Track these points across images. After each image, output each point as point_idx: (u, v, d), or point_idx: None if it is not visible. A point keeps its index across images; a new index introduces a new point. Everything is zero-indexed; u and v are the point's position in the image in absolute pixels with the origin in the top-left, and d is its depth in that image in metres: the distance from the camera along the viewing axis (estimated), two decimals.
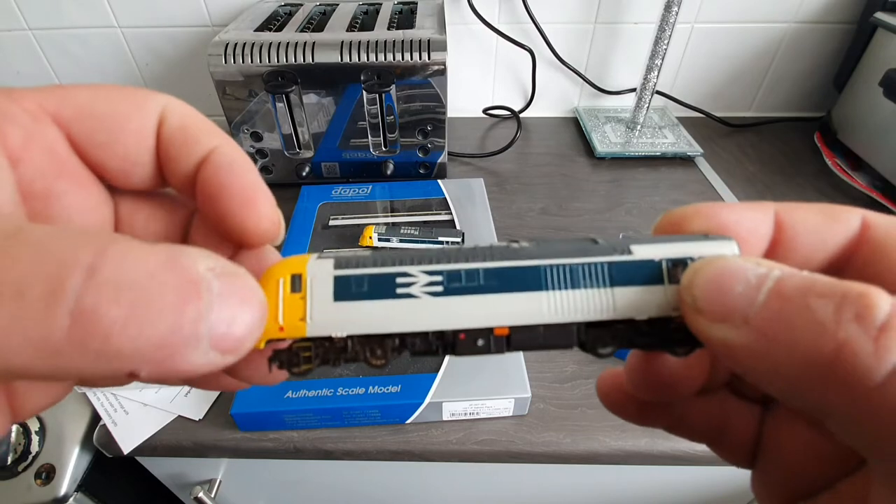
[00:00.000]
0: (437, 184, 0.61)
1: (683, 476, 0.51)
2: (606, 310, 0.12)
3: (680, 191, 0.66)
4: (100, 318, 0.08)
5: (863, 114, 0.66)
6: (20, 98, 0.12)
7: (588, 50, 0.76)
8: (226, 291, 0.10)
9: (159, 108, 0.13)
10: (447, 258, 0.12)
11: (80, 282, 0.08)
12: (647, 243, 0.12)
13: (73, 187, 0.13)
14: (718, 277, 0.11)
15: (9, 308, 0.08)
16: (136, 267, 0.09)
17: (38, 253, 0.08)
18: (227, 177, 0.13)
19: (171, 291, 0.09)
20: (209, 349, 0.09)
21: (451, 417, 0.41)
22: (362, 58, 0.54)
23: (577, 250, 0.12)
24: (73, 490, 0.41)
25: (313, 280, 0.12)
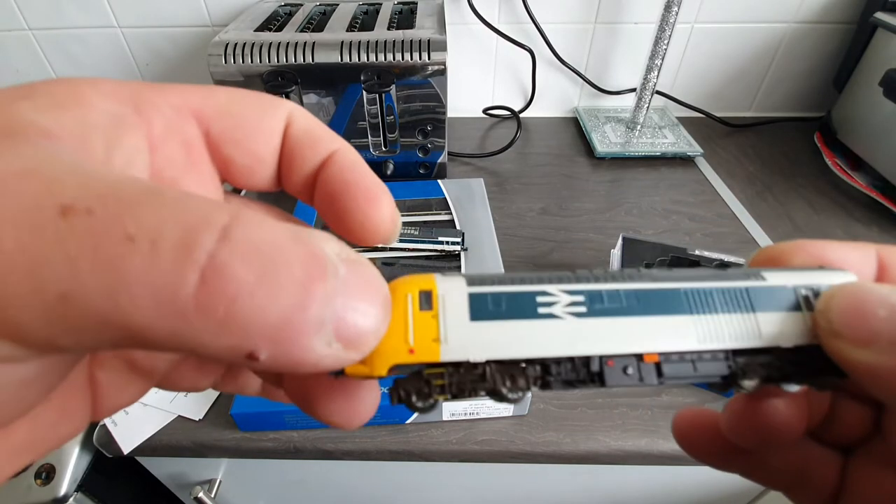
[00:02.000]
0: (437, 184, 0.61)
1: (683, 476, 0.51)
2: (752, 336, 0.11)
3: (680, 191, 0.66)
4: (229, 279, 0.08)
5: (863, 114, 0.66)
6: (168, 93, 0.12)
7: (588, 50, 0.76)
8: (352, 278, 0.09)
9: (286, 113, 0.14)
10: (582, 279, 0.11)
11: (214, 240, 0.08)
12: (775, 272, 0.12)
13: (198, 182, 0.13)
14: (857, 301, 0.11)
15: (140, 258, 0.08)
16: (267, 235, 0.08)
17: (176, 209, 0.08)
18: (352, 175, 0.13)
19: (299, 265, 0.09)
20: (332, 339, 0.09)
21: (451, 417, 0.41)
22: (362, 58, 0.54)
23: (711, 275, 0.12)
24: (73, 490, 0.41)
25: (446, 296, 0.11)
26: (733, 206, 0.63)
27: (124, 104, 0.11)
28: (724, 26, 0.74)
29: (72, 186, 0.08)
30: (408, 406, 0.11)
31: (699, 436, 0.16)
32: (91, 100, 0.11)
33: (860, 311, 0.11)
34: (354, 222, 0.13)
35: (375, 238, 0.13)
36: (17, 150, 0.08)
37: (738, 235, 0.59)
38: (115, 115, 0.11)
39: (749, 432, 0.14)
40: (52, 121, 0.10)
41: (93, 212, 0.08)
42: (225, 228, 0.08)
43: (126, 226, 0.08)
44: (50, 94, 0.10)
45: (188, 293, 0.08)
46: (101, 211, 0.08)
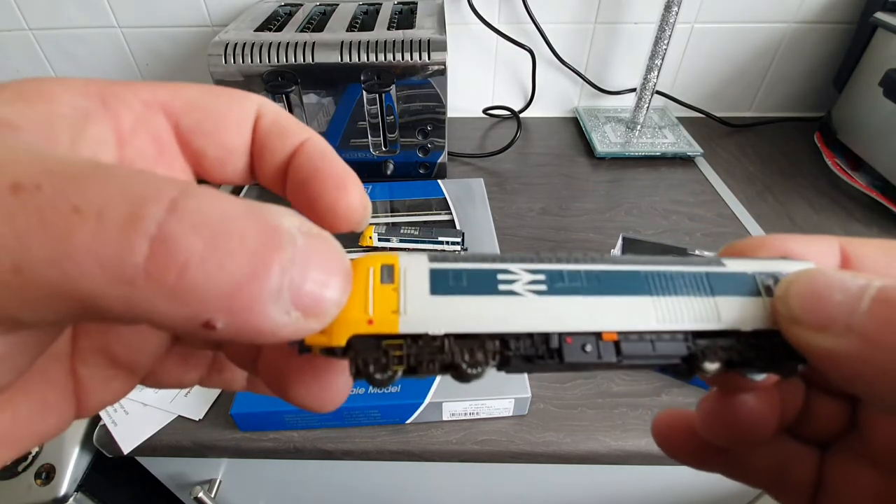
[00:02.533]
0: (437, 184, 0.61)
1: (683, 476, 0.51)
2: (712, 318, 0.12)
3: (680, 191, 0.66)
4: (178, 247, 0.08)
5: (863, 114, 0.66)
6: (136, 88, 0.13)
7: (588, 50, 0.76)
8: (311, 249, 0.09)
9: (256, 105, 0.14)
10: (545, 260, 0.12)
11: (162, 211, 0.08)
12: (735, 260, 0.13)
13: (168, 174, 0.13)
14: (815, 287, 0.11)
15: (87, 228, 0.08)
16: (219, 208, 0.09)
17: (124, 182, 0.08)
18: (321, 162, 0.14)
19: (253, 235, 0.09)
20: (290, 307, 0.09)
21: (451, 417, 0.41)
22: (362, 58, 0.54)
23: (673, 260, 0.12)
24: (73, 490, 0.41)
25: (407, 271, 0.11)
26: (733, 206, 0.63)
27: (91, 99, 0.12)
28: (724, 26, 0.74)
29: (23, 165, 0.08)
30: (367, 379, 0.11)
31: (677, 436, 0.16)
32: (58, 95, 0.11)
33: (817, 295, 0.11)
34: (324, 208, 0.13)
35: (346, 223, 0.14)
36: None
37: (738, 235, 0.59)
38: (81, 108, 0.11)
39: (722, 429, 0.15)
40: (16, 113, 0.10)
41: (41, 187, 0.08)
42: (174, 200, 0.08)
43: (72, 199, 0.08)
44: (17, 90, 0.10)
45: (137, 262, 0.08)
46: (49, 186, 0.08)
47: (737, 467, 0.16)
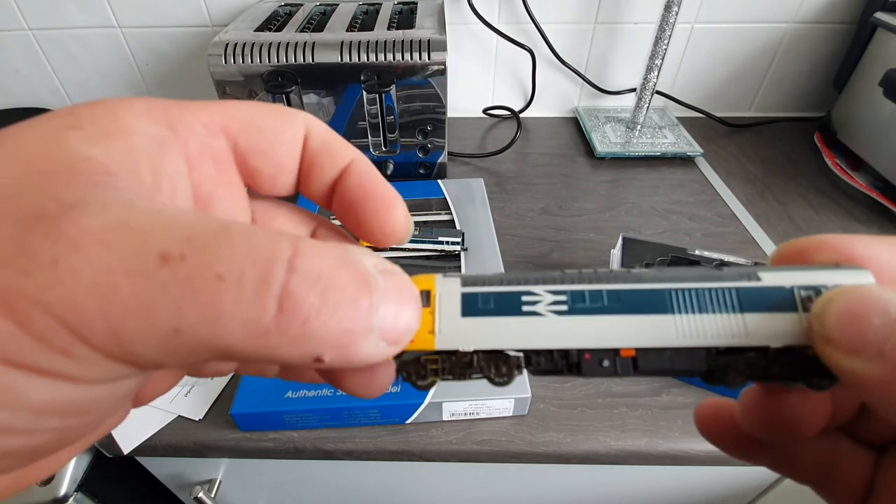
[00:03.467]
0: (437, 184, 0.61)
1: (683, 476, 0.51)
2: (738, 335, 0.11)
3: (680, 191, 0.66)
4: (300, 304, 0.10)
5: (863, 114, 0.66)
6: (197, 111, 0.13)
7: (588, 50, 0.76)
8: (389, 287, 0.11)
9: (305, 124, 0.15)
10: (569, 280, 0.12)
11: (283, 273, 0.10)
12: (775, 271, 0.12)
13: (229, 194, 0.14)
14: (853, 307, 0.10)
15: (230, 294, 0.09)
16: (323, 262, 0.10)
17: (250, 246, 0.10)
18: (370, 184, 0.15)
19: (350, 285, 0.10)
20: (379, 339, 0.11)
21: (451, 417, 0.41)
22: (362, 58, 0.54)
23: (702, 276, 0.12)
24: (73, 490, 0.41)
25: (442, 295, 0.12)
26: (733, 206, 0.63)
27: (160, 124, 0.12)
28: (724, 26, 0.74)
29: (160, 235, 0.09)
30: (411, 383, 0.13)
31: (721, 427, 0.16)
32: (131, 124, 0.12)
33: (855, 317, 0.10)
34: (374, 227, 0.15)
35: (392, 240, 0.15)
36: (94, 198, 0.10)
37: (738, 235, 0.59)
38: (154, 139, 0.12)
39: (763, 425, 0.14)
40: (104, 154, 0.11)
41: (185, 257, 0.09)
42: (290, 261, 0.10)
43: (215, 267, 0.09)
44: (94, 122, 0.11)
45: (269, 319, 0.09)
46: (192, 256, 0.09)
47: (782, 461, 0.15)
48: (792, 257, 0.13)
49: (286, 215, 0.17)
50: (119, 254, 0.09)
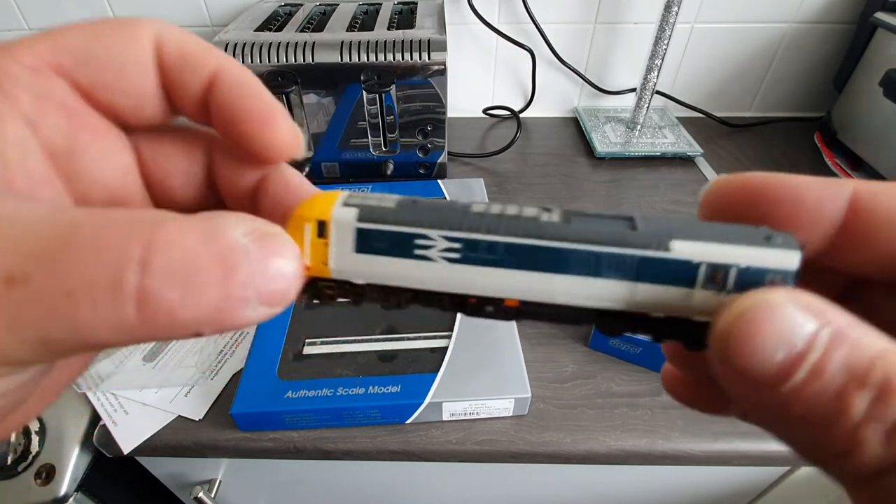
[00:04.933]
0: (437, 184, 0.61)
1: (683, 476, 0.51)
2: (623, 301, 0.12)
3: (680, 191, 0.66)
4: (160, 301, 0.09)
5: (863, 114, 0.66)
6: (19, 55, 0.12)
7: (588, 50, 0.76)
8: (263, 253, 0.11)
9: (153, 36, 0.13)
10: (469, 225, 0.12)
11: (136, 275, 0.09)
12: (691, 239, 0.11)
13: (93, 138, 0.13)
14: (759, 338, 0.10)
15: (84, 306, 0.09)
16: (181, 250, 0.10)
17: (97, 251, 0.09)
18: (239, 100, 0.13)
19: (216, 265, 0.10)
20: (258, 305, 0.10)
21: (451, 417, 0.41)
22: (362, 58, 0.54)
23: (610, 237, 0.11)
24: (73, 490, 0.41)
25: (336, 229, 0.12)
26: None
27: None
28: (724, 26, 0.74)
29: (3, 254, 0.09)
30: (314, 300, 0.13)
31: (681, 386, 0.15)
32: None
33: (757, 350, 0.10)
34: (255, 145, 0.13)
35: (280, 156, 0.14)
36: None
37: None
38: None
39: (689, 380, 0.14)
40: None
41: (31, 277, 0.09)
42: (143, 260, 0.09)
43: (64, 284, 0.09)
44: None
45: (132, 319, 0.09)
46: (38, 275, 0.09)
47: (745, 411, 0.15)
48: (722, 197, 0.13)
49: (174, 144, 0.15)
50: None
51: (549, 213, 0.12)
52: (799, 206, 0.12)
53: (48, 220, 0.09)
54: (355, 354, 0.42)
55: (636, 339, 0.43)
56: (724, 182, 0.13)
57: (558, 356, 0.46)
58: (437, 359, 0.42)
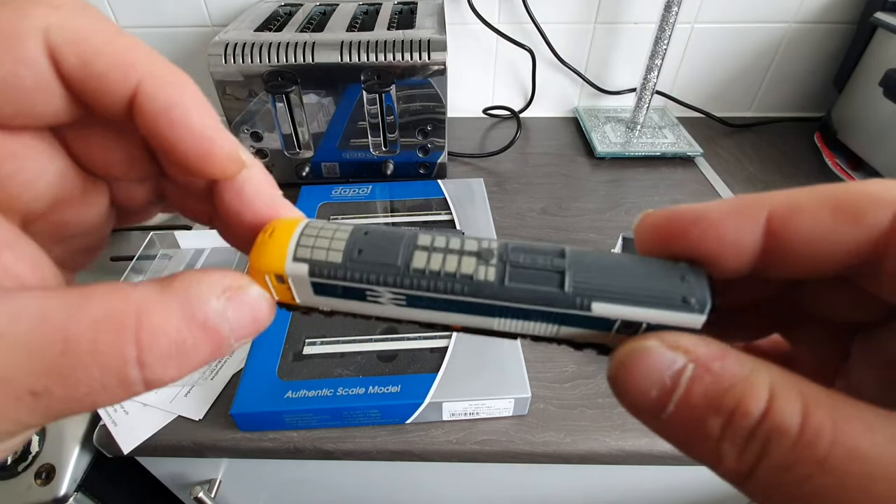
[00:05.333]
0: (437, 184, 0.61)
1: (683, 476, 0.51)
2: (549, 334, 0.14)
3: (680, 191, 0.66)
4: (161, 379, 0.11)
5: (863, 114, 0.66)
6: None
7: (588, 50, 0.76)
8: (239, 310, 0.12)
9: (41, 37, 0.11)
10: (410, 283, 0.13)
11: (138, 373, 0.11)
12: (610, 301, 0.12)
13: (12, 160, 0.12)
14: (634, 381, 0.12)
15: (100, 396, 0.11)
16: (167, 338, 0.11)
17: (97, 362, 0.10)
18: (167, 129, 0.12)
19: (202, 339, 0.11)
20: (237, 342, 0.12)
21: (451, 417, 0.41)
22: (362, 58, 0.54)
23: (539, 298, 0.13)
24: (73, 490, 0.41)
25: (293, 281, 0.14)
26: None
27: None
28: (724, 26, 0.74)
29: (19, 376, 0.10)
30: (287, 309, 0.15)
31: None
32: None
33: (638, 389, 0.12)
34: (192, 172, 0.13)
35: (222, 177, 0.14)
36: None
37: None
38: None
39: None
40: None
41: (51, 389, 0.10)
42: (139, 360, 0.11)
43: (80, 390, 0.10)
44: None
45: (139, 392, 0.11)
46: (56, 386, 0.10)
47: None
48: (651, 231, 0.13)
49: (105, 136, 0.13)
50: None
51: (486, 265, 0.13)
52: (720, 242, 0.12)
53: (41, 334, 0.10)
54: (355, 354, 0.42)
55: None
56: (650, 218, 0.13)
57: (558, 356, 0.46)
58: (437, 359, 0.42)
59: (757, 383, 0.10)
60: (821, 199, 0.11)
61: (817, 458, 0.09)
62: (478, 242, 0.14)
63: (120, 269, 0.53)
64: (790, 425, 0.10)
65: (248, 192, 0.14)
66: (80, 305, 0.11)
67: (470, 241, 0.14)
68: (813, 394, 0.10)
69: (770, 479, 0.10)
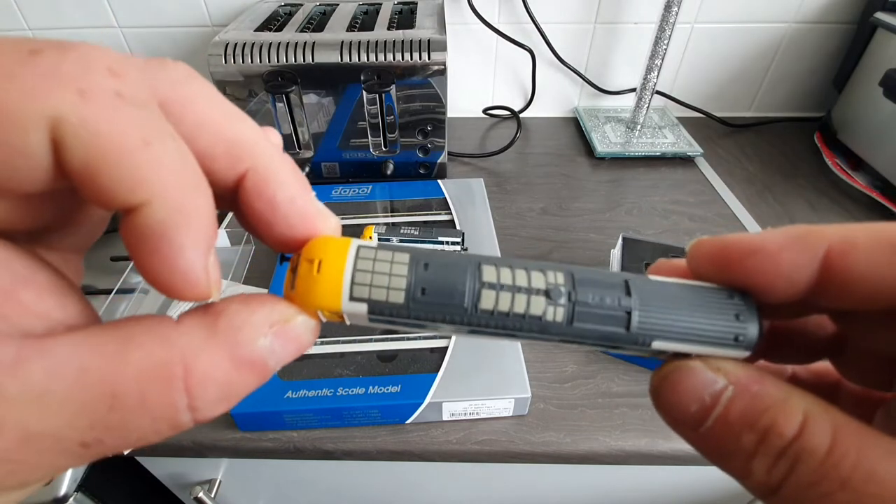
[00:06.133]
0: (437, 184, 0.61)
1: (683, 476, 0.51)
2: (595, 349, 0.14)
3: (680, 191, 0.66)
4: (211, 417, 0.11)
5: (863, 114, 0.66)
6: None
7: (588, 50, 0.76)
8: (286, 345, 0.12)
9: (46, 129, 0.09)
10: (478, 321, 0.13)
11: (188, 416, 0.11)
12: (669, 340, 0.13)
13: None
14: (677, 395, 0.13)
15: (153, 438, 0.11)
16: (216, 385, 0.11)
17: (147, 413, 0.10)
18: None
19: (250, 378, 0.12)
20: (280, 365, 0.12)
21: (451, 417, 0.41)
22: (362, 58, 0.54)
23: (605, 337, 0.13)
24: (73, 490, 0.41)
25: (350, 318, 0.13)
26: (733, 206, 0.63)
27: None
28: (724, 26, 0.74)
29: (69, 431, 0.10)
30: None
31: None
32: None
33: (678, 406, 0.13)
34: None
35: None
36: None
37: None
38: None
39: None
40: None
41: (103, 441, 0.10)
42: (190, 407, 0.11)
43: (132, 437, 0.11)
44: None
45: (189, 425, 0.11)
46: (107, 437, 0.10)
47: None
48: (705, 258, 0.14)
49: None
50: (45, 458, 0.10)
51: (555, 306, 0.13)
52: (776, 273, 0.13)
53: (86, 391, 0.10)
54: (355, 354, 0.42)
55: None
56: (706, 247, 0.14)
57: (558, 356, 0.46)
58: (437, 359, 0.42)
59: (792, 406, 0.11)
60: (879, 237, 0.12)
61: (840, 477, 0.10)
62: (544, 277, 0.13)
63: (120, 269, 0.53)
64: (820, 447, 0.11)
65: (280, 201, 0.13)
66: (121, 354, 0.10)
67: (536, 274, 0.13)
68: (843, 422, 0.11)
69: (795, 494, 0.11)
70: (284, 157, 0.13)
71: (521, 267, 0.13)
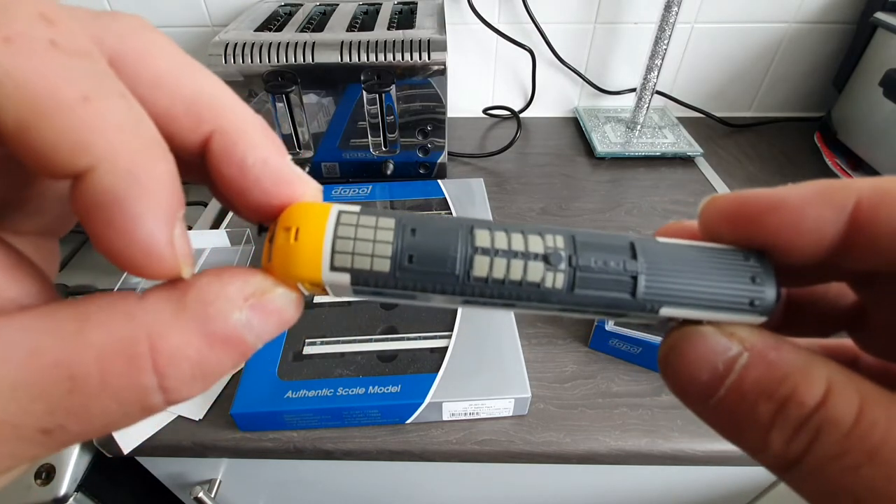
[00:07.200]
0: (437, 184, 0.61)
1: (683, 476, 0.51)
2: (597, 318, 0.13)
3: (680, 191, 0.66)
4: (185, 398, 0.11)
5: (863, 114, 0.66)
6: None
7: (588, 50, 0.76)
8: (264, 318, 0.11)
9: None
10: (471, 291, 0.12)
11: (160, 396, 0.10)
12: (678, 306, 0.12)
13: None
14: (689, 364, 0.12)
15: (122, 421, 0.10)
16: (188, 363, 0.10)
17: (113, 396, 0.10)
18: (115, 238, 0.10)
19: (225, 355, 0.11)
20: (261, 343, 0.11)
21: (451, 417, 0.41)
22: (362, 58, 0.54)
23: (610, 304, 0.12)
24: (73, 490, 0.41)
25: (332, 289, 0.12)
26: None
27: None
28: (724, 26, 0.74)
29: (27, 417, 0.09)
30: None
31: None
32: None
33: (689, 374, 0.12)
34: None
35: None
36: None
37: None
38: None
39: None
40: None
41: (65, 428, 0.10)
42: (160, 387, 0.10)
43: (96, 422, 0.10)
44: None
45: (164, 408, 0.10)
46: (69, 423, 0.09)
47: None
48: (721, 221, 0.13)
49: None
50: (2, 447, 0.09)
51: (554, 271, 0.12)
52: (798, 231, 0.11)
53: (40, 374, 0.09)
54: (355, 354, 0.42)
55: (636, 340, 0.43)
56: (721, 202, 0.13)
57: (558, 356, 0.46)
58: (437, 359, 0.42)
59: (814, 374, 0.10)
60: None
61: (868, 449, 0.10)
62: (542, 241, 0.12)
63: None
64: (845, 417, 0.10)
65: (251, 164, 0.11)
66: (77, 334, 0.09)
67: (534, 238, 0.12)
68: (870, 391, 0.10)
69: (817, 468, 0.10)
70: (255, 116, 0.12)
71: (517, 230, 0.12)
